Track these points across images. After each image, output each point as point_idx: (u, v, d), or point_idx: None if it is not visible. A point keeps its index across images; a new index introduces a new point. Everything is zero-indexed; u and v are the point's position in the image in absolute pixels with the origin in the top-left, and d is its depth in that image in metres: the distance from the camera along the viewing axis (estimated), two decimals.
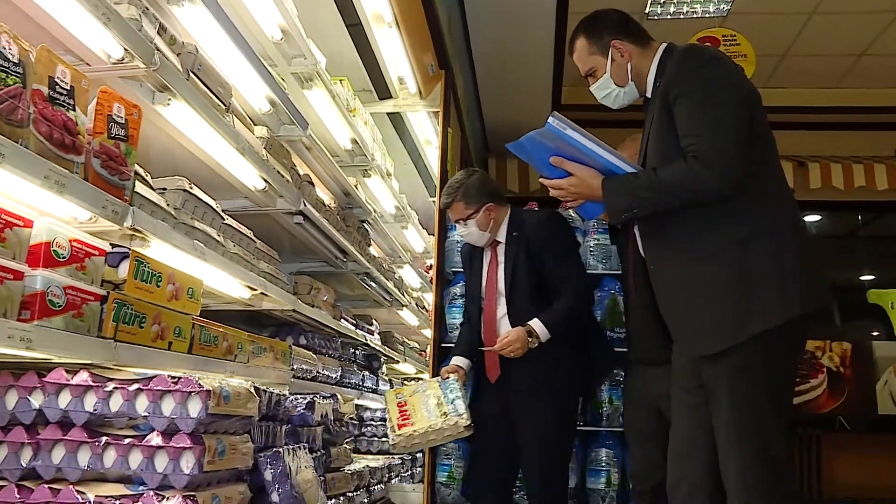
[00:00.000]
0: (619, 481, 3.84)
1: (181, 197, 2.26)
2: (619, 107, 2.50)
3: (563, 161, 2.29)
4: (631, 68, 2.38)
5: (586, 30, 2.45)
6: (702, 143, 2.08)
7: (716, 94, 2.12)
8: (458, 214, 3.19)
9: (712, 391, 2.15)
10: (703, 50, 2.26)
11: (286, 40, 3.07)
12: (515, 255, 3.16)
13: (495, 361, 3.12)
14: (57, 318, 1.58)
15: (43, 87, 1.54)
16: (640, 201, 2.18)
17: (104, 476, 1.81)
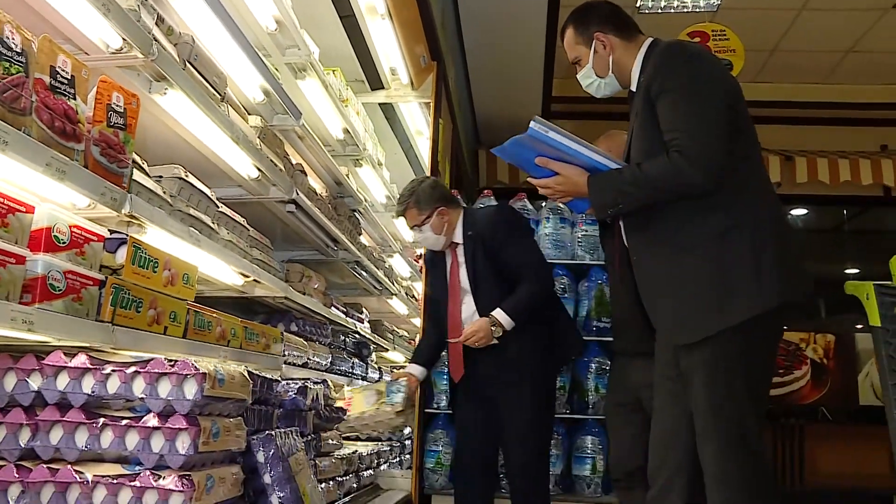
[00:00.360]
0: (604, 468, 3.91)
1: (177, 185, 2.30)
2: (601, 96, 2.55)
3: (549, 161, 2.34)
4: (613, 61, 2.42)
5: (575, 20, 2.51)
6: (684, 137, 2.11)
7: (697, 89, 2.16)
8: (413, 220, 3.25)
9: (690, 380, 2.19)
10: (685, 45, 2.30)
11: (280, 31, 3.10)
12: (473, 252, 3.22)
13: (459, 361, 3.19)
14: (57, 301, 1.62)
15: (45, 77, 1.58)
16: (624, 196, 2.22)
17: (101, 456, 1.85)
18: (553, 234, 4.21)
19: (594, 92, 2.54)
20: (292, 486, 2.24)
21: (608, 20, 2.44)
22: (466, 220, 3.29)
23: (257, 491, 2.21)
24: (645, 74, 2.27)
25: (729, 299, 2.10)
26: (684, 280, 2.18)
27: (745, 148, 2.21)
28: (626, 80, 2.43)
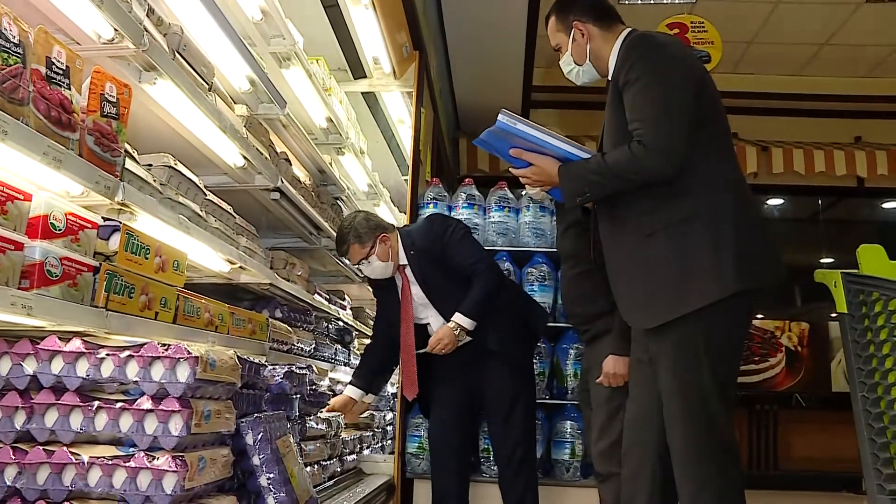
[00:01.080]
0: (583, 453, 4.00)
1: (166, 173, 2.34)
2: (580, 83, 2.62)
3: (522, 152, 2.41)
4: (590, 49, 2.47)
5: (557, 8, 2.57)
6: (644, 127, 2.18)
7: (659, 79, 2.22)
8: (359, 255, 3.30)
9: (657, 363, 2.26)
10: (651, 37, 2.34)
11: (266, 20, 3.13)
12: (421, 268, 3.31)
13: (414, 380, 3.28)
14: (54, 287, 1.66)
15: (41, 67, 1.61)
16: (591, 185, 2.28)
17: (96, 438, 1.90)
18: (533, 223, 4.28)
19: (573, 79, 2.61)
20: (280, 468, 2.30)
21: (588, 9, 2.50)
22: (404, 240, 3.38)
23: (246, 472, 2.27)
24: (617, 62, 2.34)
25: (686, 286, 2.16)
26: (646, 266, 2.25)
27: (712, 136, 2.27)
28: (605, 69, 2.49)
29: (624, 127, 2.26)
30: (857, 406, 2.20)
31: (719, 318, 2.17)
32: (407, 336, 3.30)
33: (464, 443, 3.40)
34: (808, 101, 7.57)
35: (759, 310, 7.11)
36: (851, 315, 2.23)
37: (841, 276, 2.26)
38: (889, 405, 2.17)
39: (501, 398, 3.27)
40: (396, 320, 3.38)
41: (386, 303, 3.50)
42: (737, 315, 2.23)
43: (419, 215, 4.30)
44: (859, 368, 2.20)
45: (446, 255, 3.27)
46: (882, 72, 7.43)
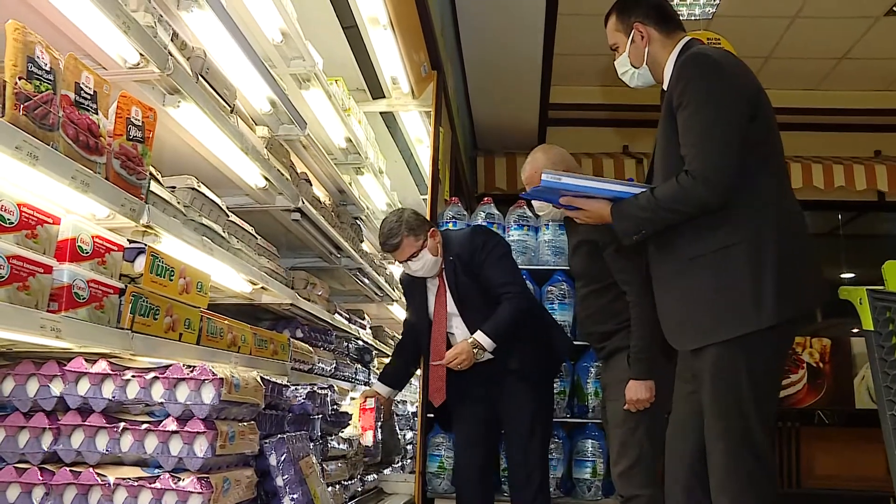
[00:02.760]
0: (604, 471, 3.97)
1: (190, 195, 2.36)
2: (633, 86, 2.59)
3: (572, 199, 2.43)
4: (648, 53, 2.45)
5: (619, 7, 2.55)
6: (693, 157, 2.18)
7: (712, 104, 2.19)
8: (411, 250, 3.24)
9: (699, 383, 2.28)
10: (706, 56, 2.30)
11: (286, 42, 3.16)
12: (456, 276, 3.27)
13: (441, 387, 3.25)
14: (81, 309, 1.68)
15: (70, 93, 1.64)
16: (644, 222, 2.30)
17: (121, 459, 1.91)
18: (552, 241, 4.28)
19: (627, 80, 2.58)
20: (304, 489, 2.30)
21: (650, 12, 2.47)
22: (444, 243, 3.34)
23: (270, 493, 2.27)
24: (672, 79, 2.32)
25: (727, 313, 2.17)
26: (689, 290, 2.26)
27: (764, 157, 2.26)
28: (660, 75, 2.46)
29: (675, 147, 2.26)
30: (887, 425, 2.17)
31: (759, 344, 2.17)
32: (438, 341, 3.26)
33: (487, 460, 3.38)
34: (827, 116, 7.53)
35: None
36: (878, 332, 2.21)
37: (867, 293, 2.24)
38: None
39: (520, 422, 3.23)
40: (421, 323, 3.34)
41: (415, 305, 3.46)
42: (776, 342, 2.23)
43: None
44: (887, 387, 2.18)
45: (481, 271, 3.23)
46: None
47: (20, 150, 1.43)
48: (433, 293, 3.34)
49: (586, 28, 6.44)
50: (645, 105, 7.43)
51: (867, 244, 8.23)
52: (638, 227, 2.32)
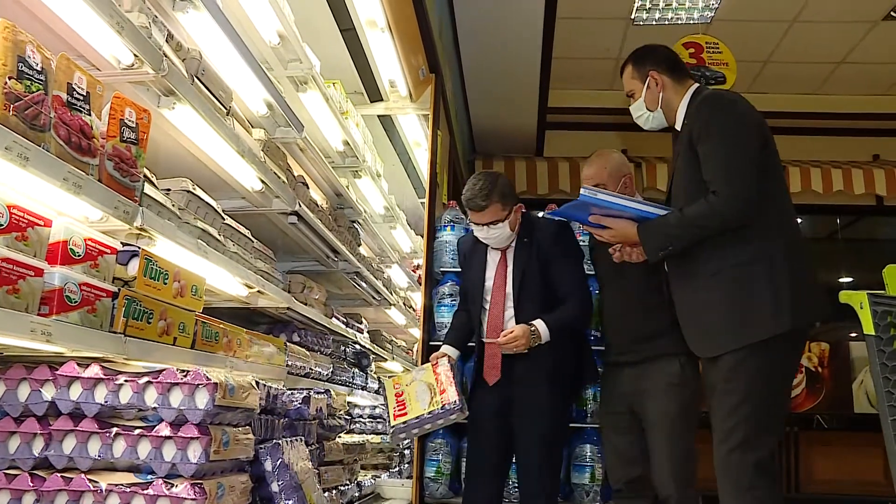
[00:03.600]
0: (602, 476, 3.93)
1: (185, 197, 2.34)
2: (647, 128, 2.86)
3: (600, 218, 2.67)
4: (662, 98, 2.73)
5: (634, 58, 2.84)
6: (719, 180, 2.42)
7: (731, 135, 2.46)
8: (494, 216, 3.14)
9: (713, 388, 2.50)
10: (721, 95, 2.60)
11: (283, 45, 3.14)
12: (526, 260, 3.19)
13: (496, 364, 3.16)
14: (73, 313, 1.66)
15: (62, 94, 1.62)
16: (672, 239, 2.53)
17: (114, 465, 1.88)
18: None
19: (642, 123, 2.85)
20: (299, 495, 2.27)
21: (662, 62, 2.77)
22: (524, 223, 3.27)
23: (265, 499, 2.25)
24: (688, 118, 2.60)
25: (747, 321, 2.39)
26: (711, 302, 2.49)
27: (772, 183, 2.51)
28: (672, 118, 2.74)
29: (698, 177, 2.50)
30: (888, 430, 2.15)
31: (773, 350, 2.39)
32: (495, 318, 3.19)
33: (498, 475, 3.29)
34: (825, 120, 7.51)
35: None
36: (879, 337, 2.19)
37: (867, 298, 2.22)
38: None
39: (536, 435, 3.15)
40: (474, 292, 3.29)
41: (471, 274, 3.37)
42: (789, 349, 2.47)
43: (435, 238, 4.28)
44: (888, 392, 2.16)
45: (553, 265, 3.19)
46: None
47: (10, 150, 1.41)
48: (492, 268, 3.27)
49: (585, 32, 6.45)
50: None
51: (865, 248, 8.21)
52: (666, 244, 2.55)
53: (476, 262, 3.34)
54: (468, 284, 3.40)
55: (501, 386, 3.18)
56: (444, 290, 4.12)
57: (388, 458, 4.83)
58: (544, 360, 3.12)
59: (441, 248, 4.25)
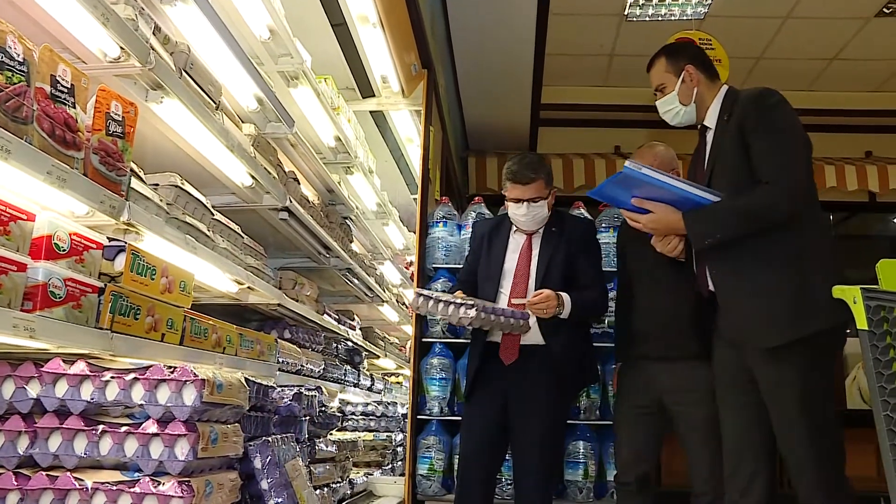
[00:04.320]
0: (596, 473, 3.93)
1: (173, 192, 2.31)
2: (675, 123, 2.82)
3: (644, 201, 2.63)
4: (696, 93, 2.74)
5: (668, 51, 2.84)
6: (778, 174, 2.45)
7: (788, 131, 2.51)
8: (537, 192, 3.16)
9: (775, 383, 2.46)
10: (774, 92, 2.58)
11: (273, 39, 3.12)
12: (553, 250, 3.22)
13: (515, 345, 3.14)
14: (58, 308, 1.63)
15: (45, 86, 1.59)
16: (722, 228, 2.52)
17: (100, 463, 1.86)
18: None
19: (671, 118, 2.82)
20: (289, 492, 2.25)
21: (698, 58, 2.79)
22: (553, 214, 3.30)
23: (255, 496, 2.23)
24: (734, 114, 2.59)
25: (809, 310, 2.41)
26: (769, 295, 2.47)
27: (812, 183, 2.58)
28: (703, 115, 2.75)
29: (742, 169, 2.52)
30: (881, 426, 2.14)
31: (830, 341, 2.47)
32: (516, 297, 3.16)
33: (492, 472, 3.28)
34: (818, 117, 7.49)
35: None
36: (872, 332, 2.17)
37: (860, 292, 2.20)
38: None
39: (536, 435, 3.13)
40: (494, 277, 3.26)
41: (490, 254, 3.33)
42: (839, 341, 2.55)
43: (428, 234, 4.27)
44: (882, 387, 2.14)
45: (579, 260, 3.22)
46: (892, 86, 7.38)
47: None
48: (515, 251, 3.26)
49: (578, 28, 6.43)
50: (636, 105, 7.42)
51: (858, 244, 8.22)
52: (714, 232, 2.52)
53: (497, 245, 3.33)
54: (484, 267, 3.34)
55: (501, 384, 3.16)
56: (437, 286, 4.11)
57: (381, 455, 4.81)
58: (553, 350, 3.11)
59: (433, 245, 4.24)
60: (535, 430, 3.09)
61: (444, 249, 4.21)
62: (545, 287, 3.12)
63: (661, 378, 3.11)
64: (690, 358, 3.08)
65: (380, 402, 5.46)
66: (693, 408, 3.05)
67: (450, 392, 4.05)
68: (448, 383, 4.03)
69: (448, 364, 4.03)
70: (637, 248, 3.31)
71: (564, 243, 3.22)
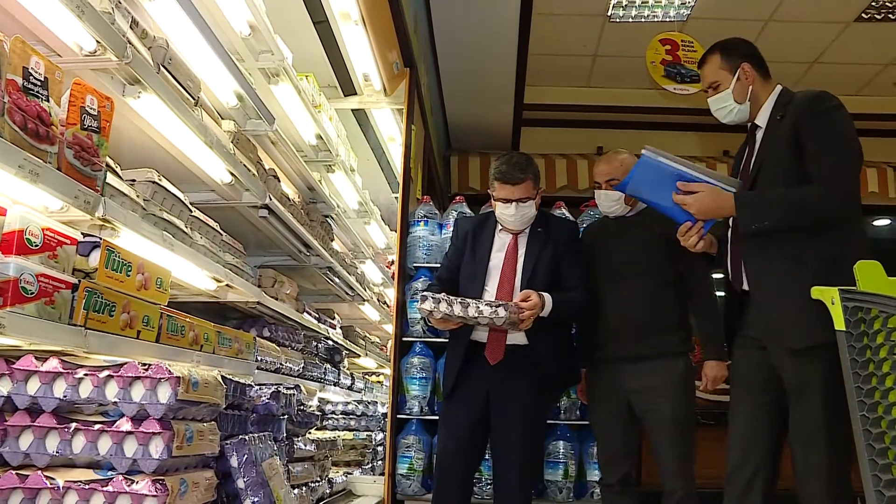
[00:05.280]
0: (575, 473, 3.94)
1: (150, 188, 2.29)
2: (728, 121, 2.78)
3: (688, 184, 2.62)
4: (751, 91, 2.70)
5: (722, 48, 2.78)
6: (832, 173, 2.45)
7: (845, 135, 2.52)
8: (526, 192, 3.15)
9: (801, 384, 2.45)
10: (832, 96, 2.59)
11: (254, 35, 3.10)
12: (540, 250, 3.20)
13: (501, 345, 3.11)
14: (29, 304, 1.61)
15: (17, 78, 1.57)
16: (772, 215, 2.50)
17: (73, 462, 1.83)
18: None
19: (723, 116, 2.78)
20: (266, 491, 2.23)
21: (753, 56, 2.74)
22: (538, 215, 3.28)
23: (231, 496, 2.21)
24: (788, 114, 2.59)
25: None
26: (802, 293, 2.40)
27: None
28: (755, 113, 2.72)
29: (795, 168, 2.52)
30: (857, 426, 2.15)
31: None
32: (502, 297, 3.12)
33: (471, 472, 3.27)
34: None
35: None
36: (850, 333, 2.18)
37: (839, 294, 2.21)
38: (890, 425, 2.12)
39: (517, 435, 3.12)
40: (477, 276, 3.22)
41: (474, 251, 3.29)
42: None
43: (409, 233, 4.25)
44: (858, 387, 2.15)
45: (564, 261, 3.20)
46: (871, 90, 7.44)
47: None
48: (501, 250, 3.23)
49: (562, 28, 6.43)
50: (619, 106, 7.44)
51: None
52: (763, 219, 2.51)
53: (482, 243, 3.29)
54: (468, 264, 3.30)
55: (483, 383, 3.14)
56: (418, 286, 4.09)
57: (361, 454, 4.79)
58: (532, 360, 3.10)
59: (415, 244, 4.23)
60: (517, 430, 3.08)
61: (425, 248, 4.20)
62: (530, 288, 3.10)
63: (626, 379, 3.15)
64: (654, 357, 3.12)
65: (360, 401, 5.44)
66: (659, 406, 3.09)
67: (430, 391, 4.04)
68: (428, 382, 4.02)
69: (428, 363, 4.03)
70: (601, 249, 3.33)
71: (551, 244, 3.21)
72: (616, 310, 3.21)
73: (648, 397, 3.10)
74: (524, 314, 2.96)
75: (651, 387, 3.09)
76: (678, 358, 3.12)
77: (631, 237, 3.27)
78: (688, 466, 3.08)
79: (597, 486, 3.79)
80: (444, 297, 2.98)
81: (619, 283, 3.23)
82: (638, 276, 3.19)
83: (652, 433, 3.13)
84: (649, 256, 3.18)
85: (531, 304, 2.97)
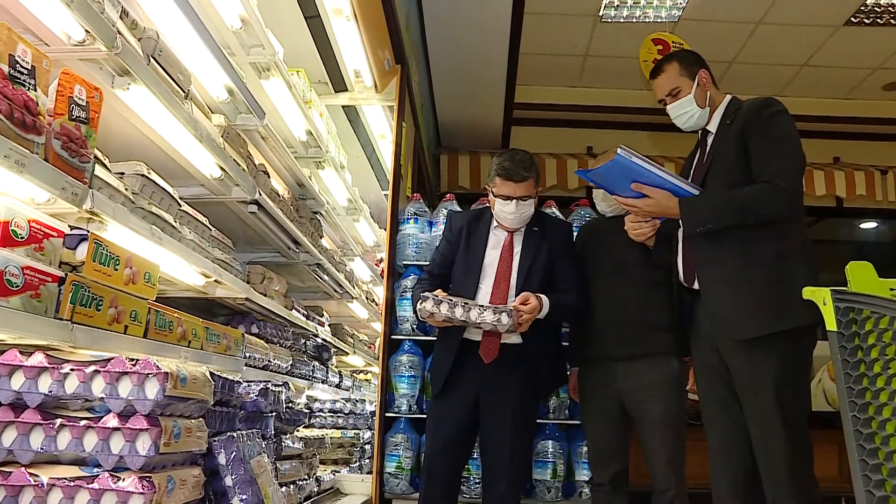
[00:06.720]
0: (564, 473, 3.93)
1: (139, 182, 2.26)
2: (687, 128, 2.88)
3: (642, 186, 2.68)
4: (709, 97, 2.82)
5: (679, 57, 2.91)
6: (776, 172, 2.53)
7: (789, 138, 2.61)
8: (528, 190, 3.13)
9: (750, 376, 2.53)
10: (777, 101, 2.70)
11: (245, 29, 3.07)
12: (536, 250, 3.18)
13: (496, 344, 3.08)
14: (14, 297, 1.58)
15: (3, 65, 1.54)
16: (715, 217, 2.59)
17: (57, 458, 1.80)
18: None
19: (684, 122, 2.87)
20: (254, 489, 2.21)
21: (705, 65, 2.88)
22: (535, 214, 3.26)
23: (218, 493, 2.18)
24: (736, 119, 2.70)
25: (790, 306, 2.43)
26: (752, 285, 2.54)
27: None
28: (708, 119, 2.83)
29: (741, 169, 2.61)
30: (848, 427, 2.14)
31: (808, 339, 2.54)
32: (498, 297, 3.10)
33: (458, 471, 3.25)
34: None
35: None
36: (842, 333, 2.18)
37: (831, 294, 2.21)
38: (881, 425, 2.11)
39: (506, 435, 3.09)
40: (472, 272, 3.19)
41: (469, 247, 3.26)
42: (815, 339, 2.58)
43: (398, 231, 4.23)
44: (849, 388, 2.15)
45: (562, 260, 3.20)
46: (859, 94, 7.48)
47: None
48: (496, 248, 3.20)
49: (553, 28, 6.43)
50: (609, 107, 7.44)
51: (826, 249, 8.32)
52: (707, 220, 2.60)
53: (477, 239, 3.26)
54: (462, 261, 3.27)
55: (474, 382, 3.12)
56: (407, 284, 4.08)
57: (349, 452, 4.77)
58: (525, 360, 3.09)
59: (404, 241, 4.21)
60: (507, 430, 3.07)
61: (414, 246, 4.18)
62: (526, 287, 3.08)
63: (618, 378, 3.14)
64: (645, 356, 3.11)
65: (348, 399, 5.42)
66: (650, 405, 3.08)
67: (419, 390, 4.02)
68: (417, 381, 4.01)
69: (417, 362, 4.01)
70: (594, 248, 3.32)
71: (546, 243, 3.20)
72: (609, 308, 3.21)
73: (641, 396, 3.09)
74: (523, 317, 2.95)
75: (643, 386, 3.09)
76: (671, 357, 3.11)
77: (626, 236, 3.25)
78: (679, 466, 3.07)
79: (585, 486, 3.80)
80: (445, 299, 2.96)
81: (614, 281, 3.23)
82: (632, 274, 3.19)
83: (643, 432, 3.12)
84: (643, 256, 3.17)
85: (530, 307, 2.96)
